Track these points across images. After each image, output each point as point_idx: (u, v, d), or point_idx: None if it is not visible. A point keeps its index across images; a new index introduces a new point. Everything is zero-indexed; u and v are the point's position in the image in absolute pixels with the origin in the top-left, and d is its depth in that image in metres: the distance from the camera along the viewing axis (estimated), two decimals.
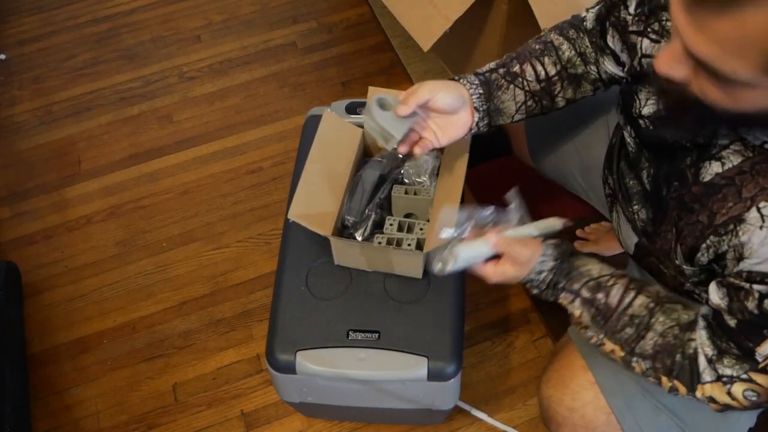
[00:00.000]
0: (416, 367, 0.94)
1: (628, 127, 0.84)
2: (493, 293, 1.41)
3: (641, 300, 0.77)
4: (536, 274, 0.82)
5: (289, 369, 0.96)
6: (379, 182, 1.05)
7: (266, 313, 1.38)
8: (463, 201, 0.95)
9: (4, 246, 1.53)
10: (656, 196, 0.80)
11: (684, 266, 0.76)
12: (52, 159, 1.69)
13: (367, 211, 1.01)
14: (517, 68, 0.89)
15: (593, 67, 0.90)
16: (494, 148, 1.59)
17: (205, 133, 1.72)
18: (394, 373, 0.95)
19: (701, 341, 0.72)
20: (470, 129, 0.90)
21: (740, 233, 0.65)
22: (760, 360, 0.67)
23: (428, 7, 1.45)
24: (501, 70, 0.90)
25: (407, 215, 1.06)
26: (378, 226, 1.02)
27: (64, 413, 1.29)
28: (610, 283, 0.79)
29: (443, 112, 0.87)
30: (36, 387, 1.32)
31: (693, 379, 0.73)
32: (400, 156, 1.05)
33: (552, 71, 0.89)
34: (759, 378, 0.68)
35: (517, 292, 1.41)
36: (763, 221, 0.63)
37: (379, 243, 0.98)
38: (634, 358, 0.77)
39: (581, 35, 0.90)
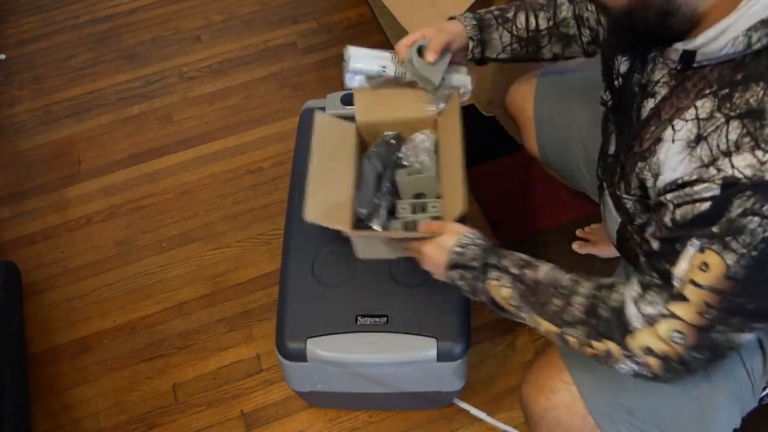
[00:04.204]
0: (426, 348, 0.95)
1: (607, 93, 0.86)
2: None
3: (568, 275, 0.77)
4: (464, 244, 0.84)
5: (300, 357, 0.97)
6: (382, 170, 1.05)
7: (266, 313, 1.39)
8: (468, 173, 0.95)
9: (4, 246, 1.53)
10: (618, 148, 0.82)
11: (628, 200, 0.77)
12: (52, 159, 1.69)
13: (376, 200, 1.02)
14: (511, 14, 1.00)
15: (587, 31, 0.94)
16: (494, 148, 1.60)
17: (205, 133, 1.72)
18: (404, 355, 0.96)
19: (630, 285, 0.71)
20: (467, 55, 1.02)
21: (658, 152, 0.68)
22: (676, 285, 0.65)
23: (428, 8, 1.45)
24: (496, 12, 1.01)
25: (416, 196, 1.06)
26: (391, 213, 1.03)
27: (64, 413, 1.29)
28: (538, 263, 0.80)
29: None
30: (36, 387, 1.32)
31: (622, 332, 0.70)
32: (393, 142, 1.07)
33: (543, 25, 0.99)
34: (679, 309, 0.65)
35: None
36: (675, 135, 0.66)
37: (395, 229, 0.99)
38: (566, 330, 0.75)
39: None
